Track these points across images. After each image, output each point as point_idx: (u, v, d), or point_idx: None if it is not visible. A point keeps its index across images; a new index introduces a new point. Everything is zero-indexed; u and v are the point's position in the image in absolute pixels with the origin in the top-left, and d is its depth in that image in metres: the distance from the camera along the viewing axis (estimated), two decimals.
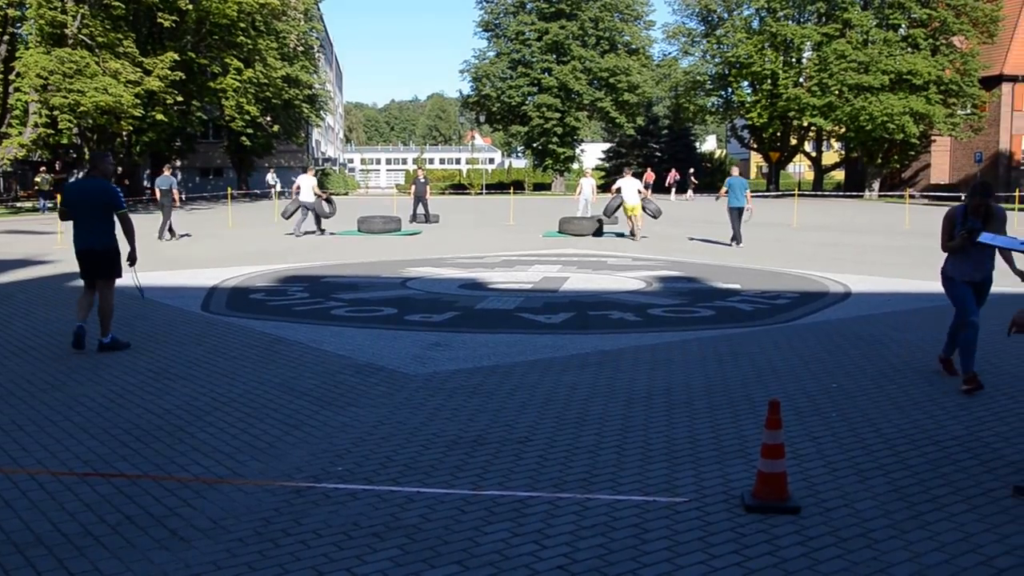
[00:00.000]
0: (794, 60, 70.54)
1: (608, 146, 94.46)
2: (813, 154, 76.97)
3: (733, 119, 79.36)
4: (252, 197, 62.68)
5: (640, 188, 27.76)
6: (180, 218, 27.41)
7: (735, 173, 25.70)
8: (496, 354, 10.26)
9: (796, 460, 6.47)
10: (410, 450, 6.75)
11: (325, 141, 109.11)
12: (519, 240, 26.77)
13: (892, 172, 70.63)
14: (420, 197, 35.20)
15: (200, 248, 24.21)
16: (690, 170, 69.04)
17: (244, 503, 5.69)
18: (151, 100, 47.40)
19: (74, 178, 53.20)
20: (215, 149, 71.37)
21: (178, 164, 29.41)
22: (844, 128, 67.24)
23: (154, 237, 25.70)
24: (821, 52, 65.38)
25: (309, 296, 14.96)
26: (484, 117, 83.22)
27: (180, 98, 49.52)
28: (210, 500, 5.74)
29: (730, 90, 74.11)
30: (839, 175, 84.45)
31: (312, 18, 70.63)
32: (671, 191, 63.41)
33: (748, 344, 10.87)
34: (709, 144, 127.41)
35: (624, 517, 5.47)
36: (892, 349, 10.60)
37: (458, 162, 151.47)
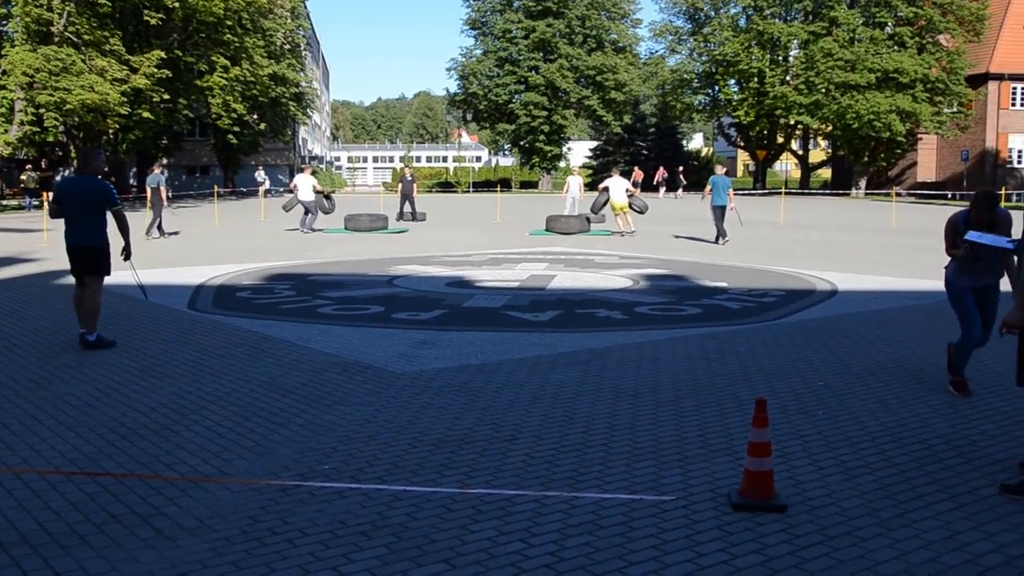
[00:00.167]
0: (781, 58, 70.60)
1: (595, 144, 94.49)
2: (800, 152, 77.08)
3: (720, 117, 79.42)
4: (239, 195, 62.53)
5: (628, 187, 28.02)
6: (166, 216, 27.28)
7: (719, 171, 25.83)
8: (483, 352, 10.25)
9: (783, 458, 6.47)
10: (397, 449, 6.73)
11: (312, 139, 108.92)
12: (506, 238, 26.75)
13: (879, 170, 70.77)
14: (407, 195, 35.17)
15: (186, 246, 24.14)
16: (679, 168, 69.12)
17: (230, 502, 5.67)
18: (137, 98, 47.24)
19: (60, 176, 53.16)
20: (202, 147, 71.15)
21: (164, 162, 29.27)
22: (831, 126, 67.33)
23: (141, 235, 25.61)
24: (808, 50, 65.45)
25: (296, 294, 14.92)
26: (471, 115, 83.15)
27: (167, 96, 49.36)
28: (196, 499, 5.72)
29: (717, 88, 74.16)
30: (826, 173, 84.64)
31: (299, 16, 70.56)
32: (659, 189, 63.46)
33: (735, 342, 10.88)
34: (696, 142, 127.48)
35: (611, 516, 5.46)
36: (879, 347, 10.62)
37: (445, 160, 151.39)
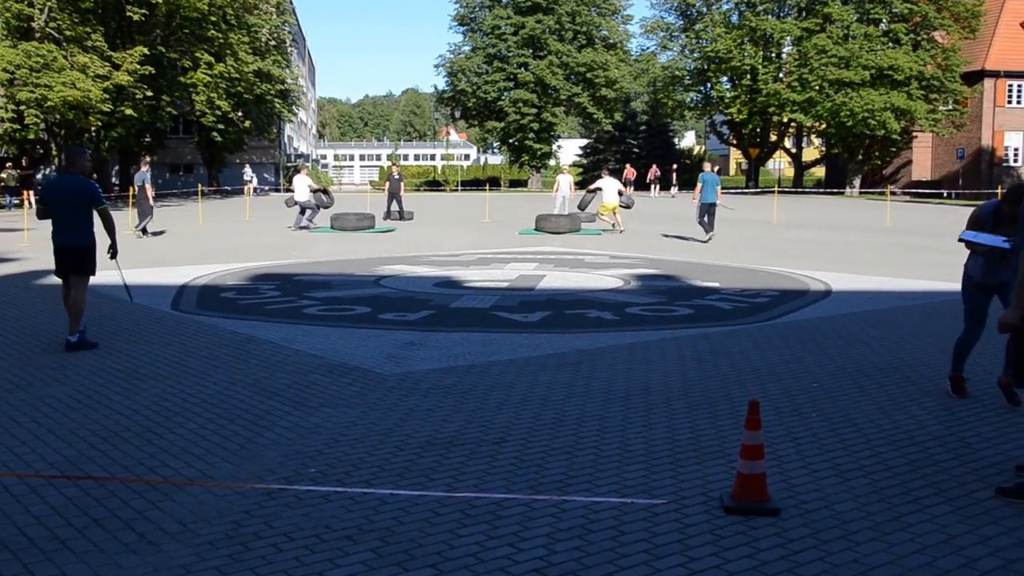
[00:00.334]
0: (774, 55, 70.82)
1: (585, 142, 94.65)
2: (793, 150, 77.34)
3: (712, 115, 79.52)
4: (223, 194, 62.41)
5: (620, 188, 28.55)
6: (150, 215, 27.18)
7: (707, 168, 26.10)
8: (471, 353, 10.24)
9: (776, 461, 6.48)
10: (384, 451, 6.73)
11: (298, 137, 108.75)
12: (495, 238, 26.75)
13: (873, 169, 70.94)
14: (394, 194, 35.13)
15: (170, 245, 24.09)
16: (673, 166, 69.17)
17: (214, 506, 5.66)
18: (120, 95, 47.14)
19: (41, 174, 53.02)
20: (185, 145, 70.97)
21: (149, 160, 29.07)
22: (824, 124, 67.46)
23: (127, 233, 25.55)
24: (801, 47, 65.66)
25: (281, 295, 14.90)
26: (459, 113, 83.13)
27: (150, 93, 49.24)
28: (179, 503, 5.71)
29: (709, 85, 74.25)
30: (819, 172, 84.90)
31: (284, 12, 70.37)
32: (651, 187, 63.43)
33: (727, 343, 10.89)
34: (688, 140, 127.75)
35: (601, 519, 5.46)
36: (873, 348, 10.64)
37: (433, 158, 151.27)
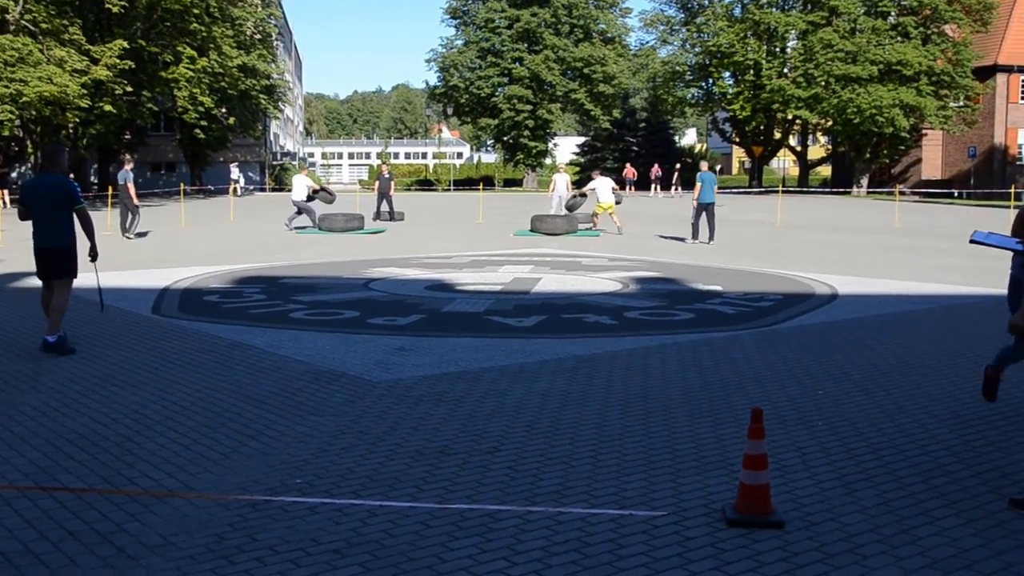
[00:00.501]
0: (778, 50, 70.88)
1: (583, 140, 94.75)
2: (798, 148, 77.37)
3: (714, 111, 79.64)
4: (206, 194, 62.42)
5: (614, 186, 28.88)
6: (124, 216, 27.16)
7: (704, 167, 26.20)
8: (464, 359, 10.24)
9: (780, 471, 6.48)
10: (372, 461, 6.72)
11: (284, 134, 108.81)
12: (489, 239, 26.77)
13: (881, 168, 71.09)
14: (384, 193, 35.13)
15: (151, 247, 24.07)
16: (676, 165, 69.12)
17: (196, 518, 5.65)
18: (98, 90, 47.08)
19: (16, 172, 52.98)
20: (167, 142, 70.99)
21: (128, 157, 29.03)
22: (831, 121, 67.63)
23: (113, 234, 25.54)
24: (806, 41, 65.75)
25: (266, 298, 14.90)
26: (452, 109, 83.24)
27: (129, 88, 49.16)
28: (160, 515, 5.69)
29: (711, 81, 74.34)
30: (825, 171, 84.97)
31: (270, 4, 70.50)
32: (652, 187, 63.33)
33: (730, 349, 10.90)
34: (689, 138, 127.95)
35: (599, 532, 5.46)
36: (881, 354, 10.65)
37: (424, 157, 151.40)
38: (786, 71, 69.25)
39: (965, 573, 4.97)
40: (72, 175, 51.97)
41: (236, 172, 61.89)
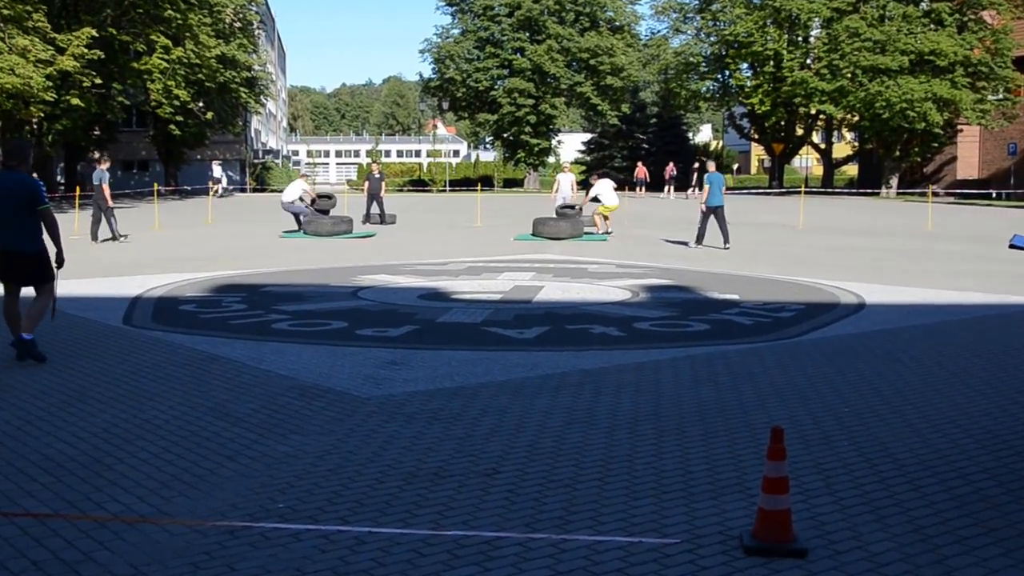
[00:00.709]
0: (800, 39, 70.95)
1: (589, 137, 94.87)
2: (822, 146, 77.45)
3: (731, 106, 79.80)
4: (182, 194, 62.45)
5: (614, 185, 29.48)
6: (96, 218, 27.20)
7: (712, 168, 26.31)
8: (460, 374, 10.25)
9: (802, 495, 6.48)
10: (361, 484, 6.72)
11: (266, 130, 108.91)
12: (487, 244, 26.79)
13: (912, 166, 71.09)
14: (374, 195, 35.19)
15: (122, 252, 24.09)
16: (694, 165, 69.04)
17: (170, 545, 5.65)
18: (65, 82, 47.14)
19: None
20: (139, 139, 71.05)
21: (105, 157, 29.05)
22: (857, 116, 67.62)
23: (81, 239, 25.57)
24: (831, 30, 65.75)
25: (247, 308, 14.91)
26: (448, 104, 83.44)
27: (99, 80, 49.24)
28: (131, 542, 5.69)
29: (727, 73, 74.47)
30: (852, 170, 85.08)
31: None
32: (666, 188, 63.12)
33: (748, 363, 10.90)
34: (704, 135, 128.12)
35: (606, 561, 5.46)
36: (911, 368, 10.65)
37: (418, 155, 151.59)
38: (809, 62, 69.29)
39: None
40: (36, 174, 52.09)
41: (219, 171, 61.96)
